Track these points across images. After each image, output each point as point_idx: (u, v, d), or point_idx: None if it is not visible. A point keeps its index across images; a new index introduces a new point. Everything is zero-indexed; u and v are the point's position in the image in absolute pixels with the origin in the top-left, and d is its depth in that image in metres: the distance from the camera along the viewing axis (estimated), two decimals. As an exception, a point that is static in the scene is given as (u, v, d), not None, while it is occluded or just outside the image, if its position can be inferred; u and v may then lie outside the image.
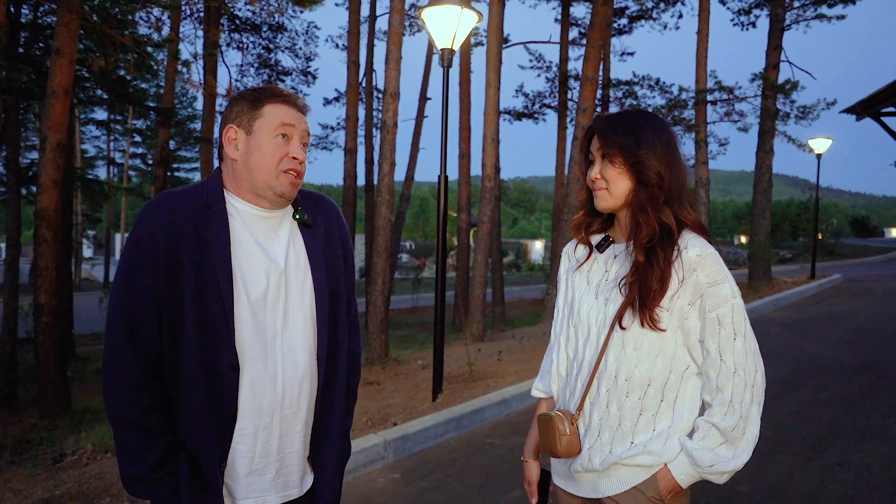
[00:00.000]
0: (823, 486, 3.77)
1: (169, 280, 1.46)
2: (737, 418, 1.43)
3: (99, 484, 3.80)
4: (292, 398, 1.56)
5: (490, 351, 7.90)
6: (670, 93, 15.29)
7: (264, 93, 1.58)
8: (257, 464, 1.54)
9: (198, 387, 1.47)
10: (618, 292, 1.53)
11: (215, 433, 1.48)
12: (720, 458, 1.44)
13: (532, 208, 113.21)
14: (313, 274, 1.61)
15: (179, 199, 1.52)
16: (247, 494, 1.54)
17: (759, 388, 1.46)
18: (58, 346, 7.37)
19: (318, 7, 10.22)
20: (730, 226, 50.23)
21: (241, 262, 1.52)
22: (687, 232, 1.51)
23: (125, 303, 1.48)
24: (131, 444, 1.48)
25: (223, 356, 1.47)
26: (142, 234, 1.48)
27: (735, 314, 1.47)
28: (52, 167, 7.07)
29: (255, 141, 1.54)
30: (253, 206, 1.57)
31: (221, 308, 1.47)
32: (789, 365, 6.88)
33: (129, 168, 41.57)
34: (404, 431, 4.57)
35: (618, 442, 1.51)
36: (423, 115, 18.54)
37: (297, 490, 1.62)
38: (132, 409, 1.47)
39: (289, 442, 1.58)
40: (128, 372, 1.46)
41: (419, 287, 22.02)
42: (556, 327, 1.73)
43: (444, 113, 5.75)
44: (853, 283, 14.91)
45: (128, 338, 1.47)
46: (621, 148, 1.51)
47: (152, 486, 1.48)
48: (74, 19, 7.08)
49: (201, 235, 1.48)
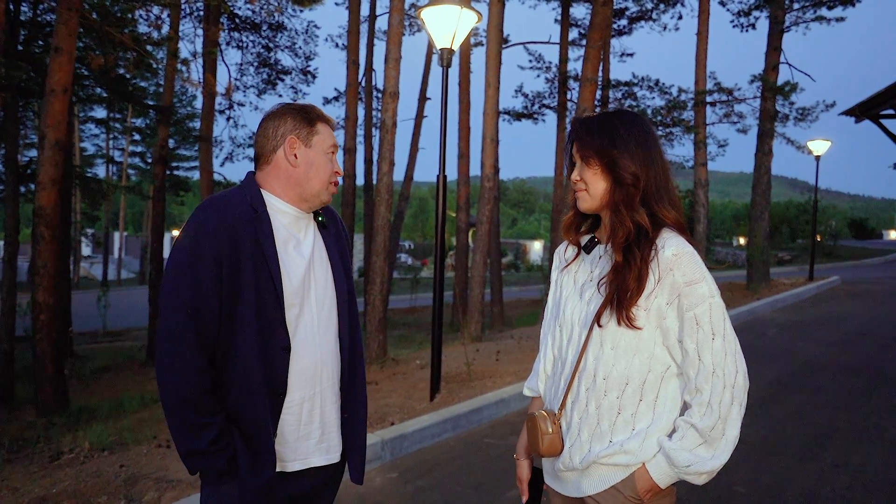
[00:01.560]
0: (820, 488, 3.78)
1: (231, 273, 1.65)
2: (715, 419, 1.43)
3: (96, 482, 3.80)
4: (328, 373, 1.80)
5: (488, 351, 7.91)
6: (670, 94, 15.29)
7: (313, 112, 1.82)
8: (303, 430, 1.76)
9: (253, 367, 1.66)
10: (598, 292, 1.55)
11: (269, 407, 1.68)
12: (698, 459, 1.44)
13: (531, 209, 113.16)
14: (332, 267, 1.85)
15: (229, 202, 1.71)
16: (295, 457, 1.76)
17: (739, 389, 1.45)
18: (55, 344, 7.37)
19: (317, 6, 10.23)
20: (728, 227, 50.28)
21: (283, 256, 1.73)
22: (666, 231, 1.52)
23: (189, 294, 1.63)
24: (190, 421, 1.63)
25: (277, 339, 1.68)
26: (202, 231, 1.65)
27: (713, 314, 1.46)
28: (51, 165, 7.07)
29: (312, 154, 1.79)
30: (293, 208, 1.79)
31: (275, 296, 1.68)
32: (787, 366, 6.89)
33: (127, 166, 41.56)
34: (402, 431, 4.58)
35: (596, 441, 1.52)
36: (423, 115, 18.52)
37: (337, 455, 1.84)
38: (194, 391, 1.63)
39: (328, 411, 1.81)
40: (191, 357, 1.63)
41: (418, 287, 22.02)
42: (544, 327, 1.75)
43: (444, 113, 5.76)
44: (851, 285, 14.93)
45: (190, 324, 1.62)
46: (596, 149, 1.53)
47: (211, 457, 1.64)
48: (74, 17, 7.08)
49: (253, 233, 1.68)
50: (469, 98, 14.82)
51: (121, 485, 3.74)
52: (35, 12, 11.86)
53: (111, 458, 4.34)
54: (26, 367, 9.80)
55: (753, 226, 14.19)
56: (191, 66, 10.63)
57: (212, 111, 14.19)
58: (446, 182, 5.82)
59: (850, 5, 14.09)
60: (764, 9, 15.09)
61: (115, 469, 4.03)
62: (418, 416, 4.95)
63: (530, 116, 18.50)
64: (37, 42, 12.07)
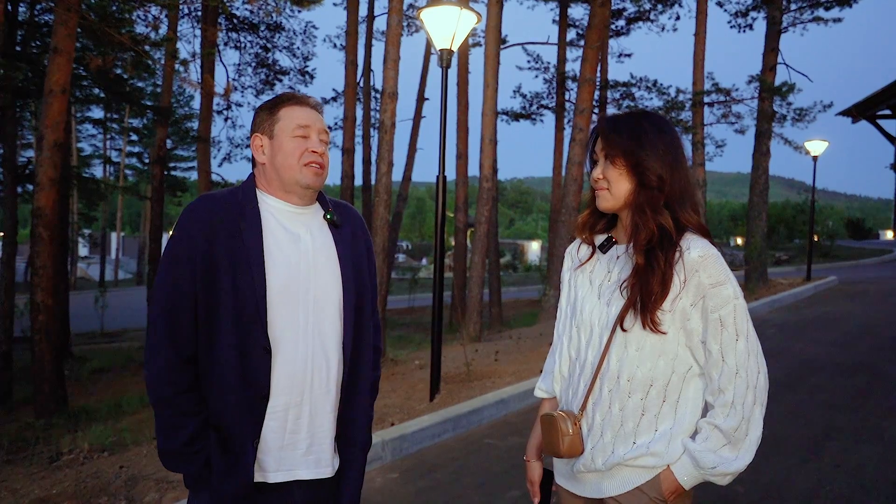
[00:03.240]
0: (819, 487, 3.79)
1: (207, 272, 1.61)
2: (739, 419, 1.44)
3: (95, 483, 3.80)
4: (321, 380, 1.69)
5: (487, 351, 7.91)
6: (667, 94, 15.34)
7: (279, 99, 1.74)
8: (288, 439, 1.66)
9: (232, 369, 1.60)
10: (619, 294, 1.53)
11: (249, 412, 1.61)
12: (723, 460, 1.44)
13: (529, 209, 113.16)
14: (341, 269, 1.74)
15: (217, 199, 1.68)
16: (278, 467, 1.66)
17: (761, 390, 1.47)
18: (54, 345, 7.36)
19: (316, 7, 10.21)
20: (726, 227, 50.34)
21: (274, 253, 1.66)
22: (690, 234, 1.51)
23: (165, 293, 1.63)
24: (166, 421, 1.62)
25: (256, 340, 1.61)
26: (182, 232, 1.63)
27: (737, 315, 1.46)
28: (50, 166, 7.06)
29: (277, 143, 1.70)
30: (284, 203, 1.72)
31: (254, 296, 1.60)
32: (785, 366, 6.91)
33: (125, 167, 41.53)
34: (402, 431, 4.58)
35: (620, 442, 1.52)
36: (421, 116, 18.53)
37: (328, 469, 1.72)
38: (167, 389, 1.61)
39: (319, 422, 1.70)
40: (166, 356, 1.61)
41: (416, 287, 22.00)
42: (558, 327, 1.73)
43: (443, 113, 5.76)
44: (849, 285, 14.96)
45: (167, 326, 1.61)
46: (623, 149, 1.52)
47: (184, 459, 1.62)
48: (72, 18, 7.07)
49: (236, 230, 1.63)
50: (467, 98, 14.84)
51: (121, 486, 3.74)
52: (33, 13, 11.84)
53: (111, 459, 4.33)
54: (25, 368, 9.78)
55: (751, 226, 14.21)
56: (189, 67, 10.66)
57: (210, 112, 14.19)
58: (446, 182, 5.82)
59: (847, 6, 14.13)
60: (761, 10, 15.14)
61: (114, 470, 4.03)
62: (418, 417, 4.95)
63: (528, 117, 18.53)
64: (35, 42, 12.04)
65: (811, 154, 15.39)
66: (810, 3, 14.24)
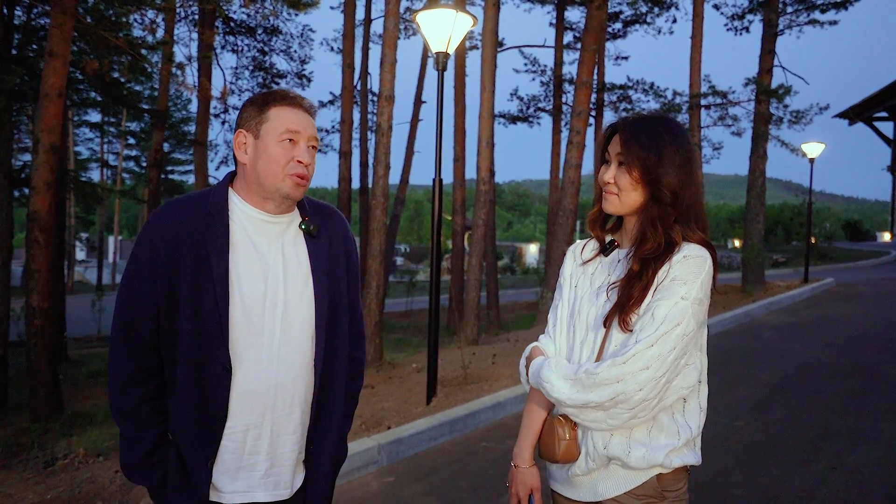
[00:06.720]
0: (816, 490, 3.79)
1: (168, 283, 1.53)
2: (602, 382, 1.39)
3: (91, 488, 3.78)
4: (285, 401, 1.61)
5: (484, 354, 7.90)
6: (664, 97, 15.35)
7: (270, 96, 1.60)
8: (246, 460, 1.59)
9: (191, 386, 1.54)
10: (607, 297, 1.54)
11: (205, 431, 1.55)
12: (553, 387, 1.47)
13: (527, 212, 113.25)
14: (314, 283, 1.64)
15: (183, 207, 1.58)
16: (234, 489, 1.59)
17: (639, 399, 1.39)
18: (50, 349, 7.32)
19: (312, 10, 10.20)
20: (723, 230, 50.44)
21: (239, 267, 1.56)
22: (688, 243, 1.48)
23: (125, 304, 1.58)
24: (126, 433, 1.59)
25: (216, 358, 1.53)
26: (144, 240, 1.56)
27: (671, 311, 1.40)
28: (46, 170, 7.03)
29: (262, 145, 1.57)
30: (259, 211, 1.61)
31: (216, 312, 1.52)
32: (782, 368, 6.90)
33: (122, 170, 41.43)
34: (398, 435, 4.56)
35: (615, 445, 1.51)
36: (418, 119, 18.56)
37: (287, 491, 1.66)
38: (126, 401, 1.57)
39: (281, 443, 1.62)
40: (123, 367, 1.57)
41: (414, 290, 21.98)
42: (559, 315, 1.67)
43: (440, 116, 5.76)
44: (846, 287, 14.98)
45: (124, 336, 1.57)
46: (642, 164, 1.47)
47: (143, 472, 1.59)
48: (68, 21, 7.05)
49: (201, 241, 1.53)
50: (465, 101, 14.84)
51: (116, 490, 3.72)
52: (29, 16, 11.82)
53: (106, 464, 4.31)
54: (20, 372, 9.75)
55: (748, 228, 14.23)
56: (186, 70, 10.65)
57: (207, 115, 14.17)
58: (442, 185, 5.82)
59: (843, 9, 14.17)
60: (757, 12, 15.17)
61: (109, 475, 4.00)
62: (415, 420, 4.93)
63: (525, 120, 18.56)
64: (31, 46, 12.03)
65: (808, 156, 15.42)
66: (806, 5, 14.28)
